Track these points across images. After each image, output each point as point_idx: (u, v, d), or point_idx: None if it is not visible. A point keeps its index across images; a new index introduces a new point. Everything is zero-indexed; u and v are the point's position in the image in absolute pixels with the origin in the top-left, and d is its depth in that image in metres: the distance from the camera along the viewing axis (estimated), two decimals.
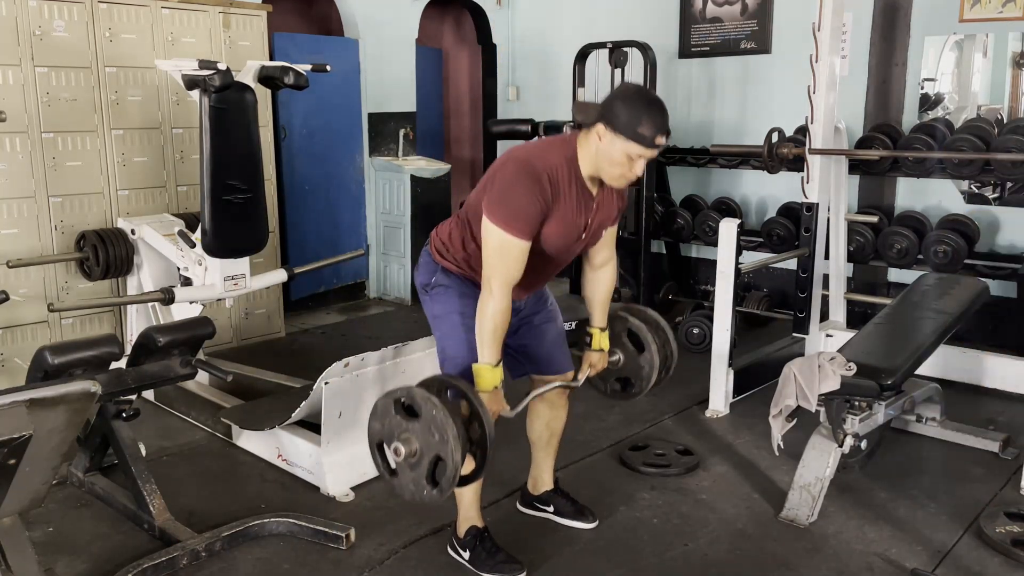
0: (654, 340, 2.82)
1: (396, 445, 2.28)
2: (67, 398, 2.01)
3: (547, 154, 2.38)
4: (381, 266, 6.24)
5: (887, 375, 2.91)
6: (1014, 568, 2.68)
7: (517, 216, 2.30)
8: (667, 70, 5.86)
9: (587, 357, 2.79)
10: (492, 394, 2.37)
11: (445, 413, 2.17)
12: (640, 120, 2.25)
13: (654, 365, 2.83)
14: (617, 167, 2.33)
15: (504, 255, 2.33)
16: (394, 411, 2.30)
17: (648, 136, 2.26)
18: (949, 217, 4.75)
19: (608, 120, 2.27)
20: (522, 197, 2.30)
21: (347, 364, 3.05)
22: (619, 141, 2.27)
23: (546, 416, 2.87)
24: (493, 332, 2.36)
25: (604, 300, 2.77)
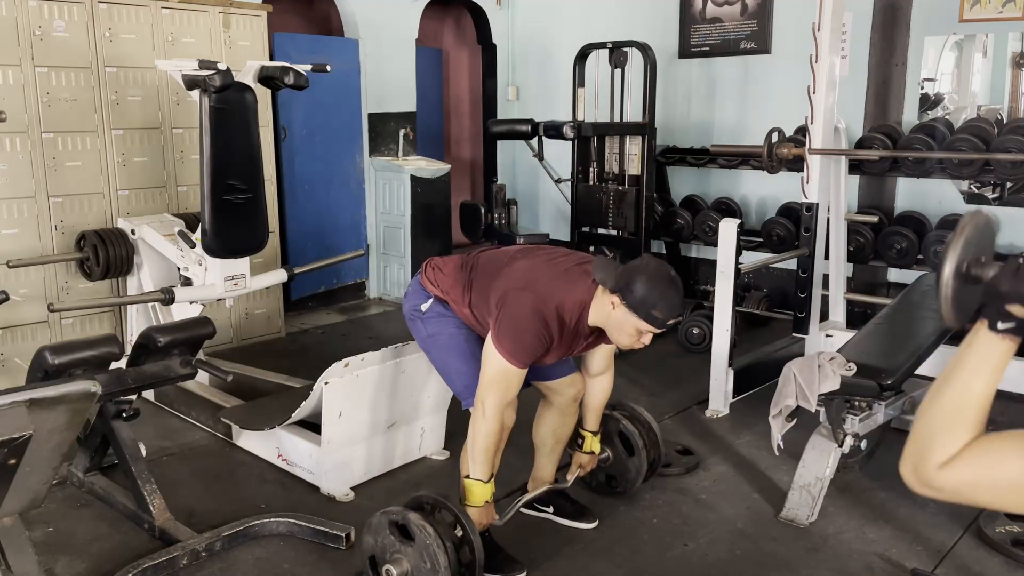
0: (644, 446, 3.01)
1: (388, 567, 2.38)
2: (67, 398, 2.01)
3: (565, 294, 2.44)
4: (381, 266, 6.24)
5: (887, 375, 2.91)
6: (1014, 568, 2.68)
7: (523, 352, 2.40)
8: (667, 70, 5.86)
9: (577, 459, 2.93)
10: (483, 509, 2.49)
11: (438, 543, 2.27)
12: (656, 304, 2.32)
13: (641, 471, 3.04)
14: (626, 337, 2.42)
15: (503, 381, 2.42)
16: (388, 531, 2.41)
17: (661, 319, 2.35)
18: (949, 217, 4.75)
19: (625, 296, 2.34)
20: (531, 336, 2.40)
21: (347, 364, 3.05)
22: (632, 317, 2.35)
23: (554, 423, 2.87)
24: (485, 452, 2.45)
25: (599, 406, 2.89)
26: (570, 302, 2.43)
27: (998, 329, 1.02)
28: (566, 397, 2.81)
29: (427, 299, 2.68)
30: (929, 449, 1.03)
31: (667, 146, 5.89)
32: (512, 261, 2.57)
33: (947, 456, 1.01)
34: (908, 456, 1.06)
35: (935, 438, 1.02)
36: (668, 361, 4.78)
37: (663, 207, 5.55)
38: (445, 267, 2.71)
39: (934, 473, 1.03)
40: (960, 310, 1.07)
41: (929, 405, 1.05)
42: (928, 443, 1.03)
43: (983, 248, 1.10)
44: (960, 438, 1.01)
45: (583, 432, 2.91)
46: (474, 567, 2.34)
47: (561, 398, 2.81)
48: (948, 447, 1.01)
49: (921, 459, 1.04)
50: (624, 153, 5.20)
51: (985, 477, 1.00)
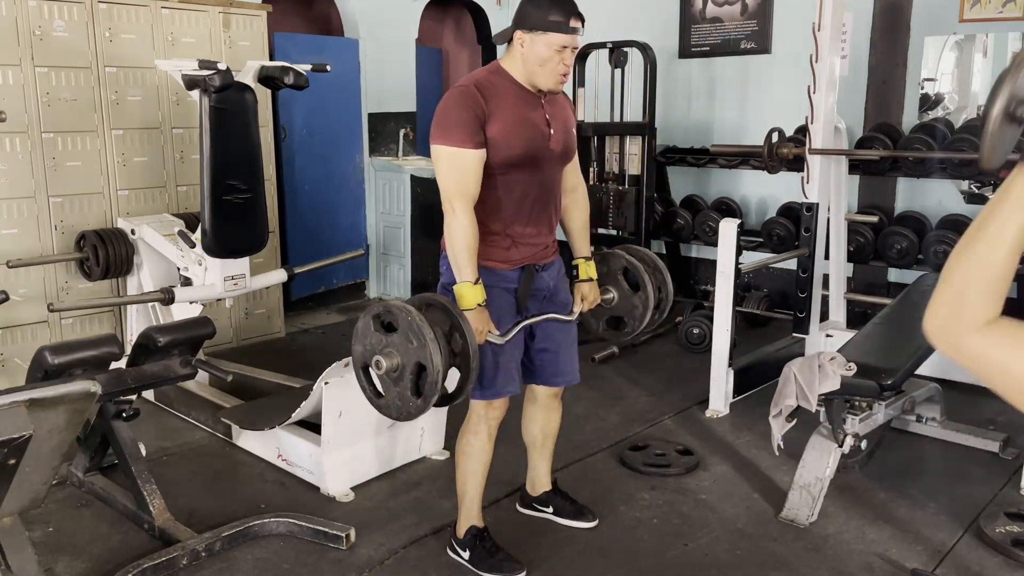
0: (650, 280, 2.78)
1: (377, 358, 2.28)
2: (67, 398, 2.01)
3: (470, 75, 2.48)
4: (381, 266, 6.24)
5: (887, 375, 2.91)
6: (1014, 568, 2.67)
7: (453, 126, 2.36)
8: (667, 70, 5.86)
9: (578, 289, 2.76)
10: (476, 312, 2.36)
11: (421, 319, 2.17)
12: (550, 10, 2.34)
13: (648, 305, 2.79)
14: (548, 63, 2.40)
15: (455, 169, 2.37)
16: (373, 328, 2.31)
17: (562, 21, 2.35)
18: (949, 217, 4.75)
19: (521, 23, 2.37)
20: (452, 110, 2.38)
21: (347, 364, 3.04)
22: (538, 37, 2.36)
23: (540, 420, 2.87)
24: (465, 249, 2.37)
25: (582, 227, 2.77)
26: (482, 72, 2.46)
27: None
28: (548, 394, 2.81)
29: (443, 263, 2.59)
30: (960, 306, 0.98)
31: (667, 146, 5.89)
32: None
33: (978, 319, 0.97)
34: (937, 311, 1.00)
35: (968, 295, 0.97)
36: (668, 361, 4.78)
37: (663, 207, 5.55)
38: None
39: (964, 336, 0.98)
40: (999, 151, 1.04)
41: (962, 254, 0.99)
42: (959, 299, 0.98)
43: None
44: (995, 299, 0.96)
45: (575, 261, 2.77)
46: (467, 353, 2.23)
47: (544, 394, 2.80)
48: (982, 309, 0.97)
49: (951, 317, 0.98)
50: (624, 153, 5.20)
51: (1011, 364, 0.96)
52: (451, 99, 2.39)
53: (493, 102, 2.39)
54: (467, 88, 2.39)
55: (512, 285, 2.54)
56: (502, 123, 2.39)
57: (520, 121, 2.43)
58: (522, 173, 2.45)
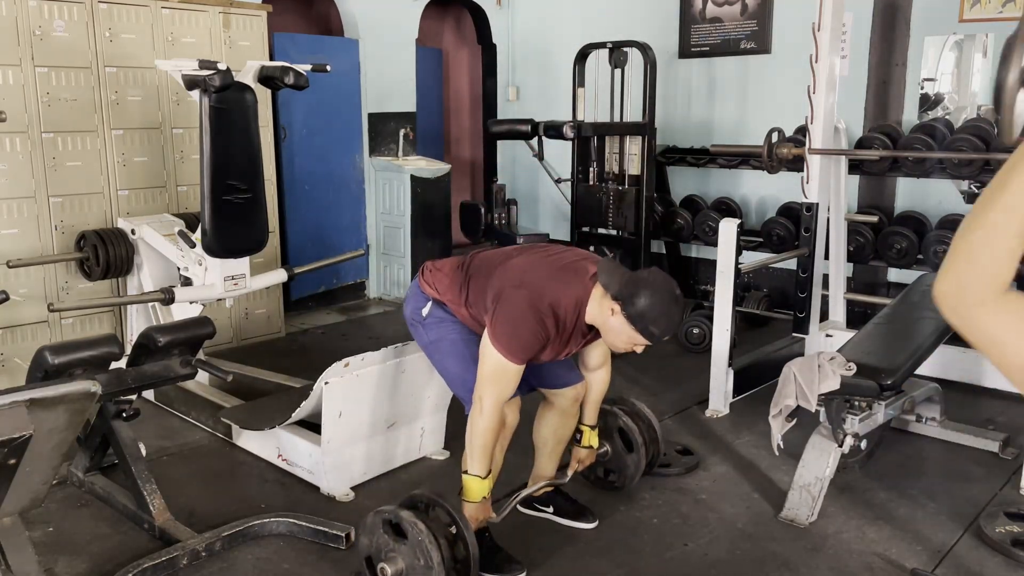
0: (643, 442, 3.02)
1: (382, 566, 2.38)
2: (67, 398, 2.01)
3: (561, 291, 2.44)
4: (381, 266, 6.24)
5: (887, 375, 2.91)
6: (1014, 568, 2.67)
7: (520, 348, 2.40)
8: (667, 70, 5.86)
9: (576, 453, 2.92)
10: (480, 505, 2.49)
11: (431, 539, 2.27)
12: (656, 321, 2.35)
13: (639, 467, 3.04)
14: (620, 343, 2.44)
15: (500, 377, 2.42)
16: (382, 529, 2.41)
17: (657, 335, 2.38)
18: (949, 217, 4.75)
19: (626, 306, 2.35)
20: (527, 333, 2.40)
21: (347, 364, 3.05)
22: (628, 328, 2.37)
23: (555, 423, 2.87)
24: (483, 448, 2.45)
25: (597, 400, 2.89)
26: (566, 299, 2.43)
27: None
28: (568, 399, 2.81)
29: (426, 302, 2.68)
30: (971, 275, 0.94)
31: (667, 146, 5.89)
32: (508, 259, 2.57)
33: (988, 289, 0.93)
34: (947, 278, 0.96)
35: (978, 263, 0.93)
36: (668, 361, 4.78)
37: (663, 207, 5.55)
38: (443, 268, 2.71)
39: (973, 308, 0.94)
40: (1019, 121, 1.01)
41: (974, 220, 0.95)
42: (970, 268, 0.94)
43: None
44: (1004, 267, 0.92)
45: (581, 427, 2.90)
46: (468, 563, 2.33)
47: (563, 400, 2.81)
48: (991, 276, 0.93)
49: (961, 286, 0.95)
50: (624, 153, 5.20)
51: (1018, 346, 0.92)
52: (529, 318, 2.40)
53: (554, 335, 2.46)
54: (546, 317, 2.41)
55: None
56: (548, 353, 2.51)
57: (560, 350, 2.55)
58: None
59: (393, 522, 2.38)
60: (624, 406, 3.09)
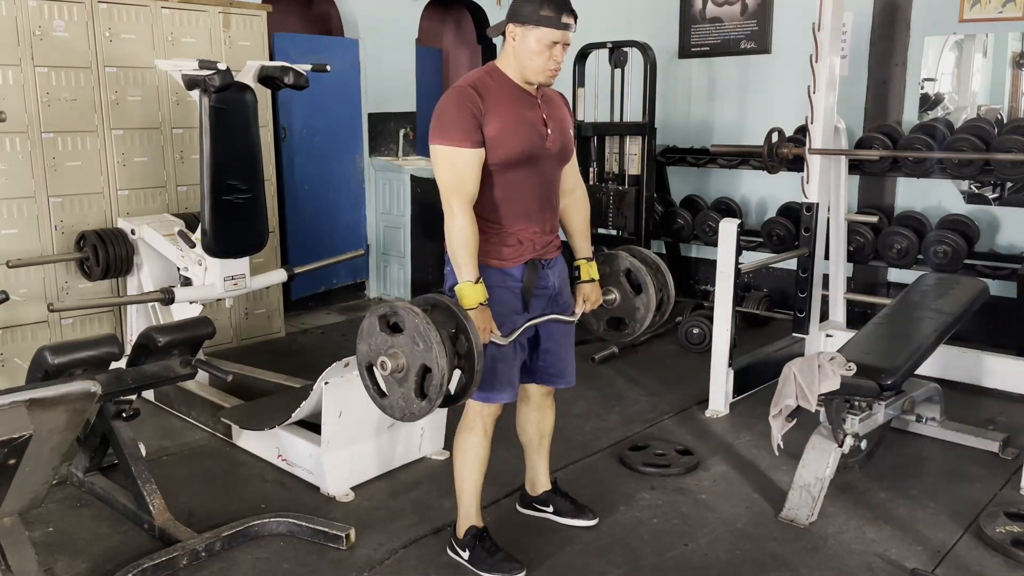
0: (652, 282, 2.79)
1: (382, 359, 2.28)
2: (67, 398, 2.01)
3: (466, 76, 2.49)
4: (381, 266, 6.24)
5: (887, 375, 2.92)
6: (1014, 568, 2.68)
7: (450, 125, 2.37)
8: (667, 70, 5.86)
9: (580, 291, 2.76)
10: (479, 311, 2.36)
11: (427, 321, 2.17)
12: (543, 5, 2.35)
13: (649, 307, 2.80)
14: (538, 58, 2.40)
15: (453, 169, 2.38)
16: (379, 328, 2.31)
17: (553, 16, 2.35)
18: (949, 217, 4.75)
19: (513, 17, 2.39)
20: (450, 109, 2.39)
21: (347, 364, 3.05)
22: (530, 31, 2.37)
23: (535, 419, 2.87)
24: (465, 248, 2.38)
25: (583, 228, 2.77)
26: (476, 74, 2.47)
27: None
28: (541, 391, 2.81)
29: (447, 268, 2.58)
30: None
31: (667, 146, 5.89)
32: None
33: None
34: None
35: None
36: (668, 361, 4.78)
37: (663, 207, 5.55)
38: None
39: None
40: None
41: None
42: None
43: None
44: None
45: (577, 262, 2.77)
46: (472, 357, 2.22)
47: (536, 392, 2.81)
48: None
49: None
50: (624, 153, 5.20)
51: None
52: (448, 99, 2.40)
53: (489, 101, 2.40)
54: (463, 88, 2.40)
55: (516, 284, 2.54)
56: (500, 122, 2.40)
57: (517, 120, 2.44)
58: (521, 172, 2.46)
59: (390, 319, 2.29)
60: (628, 250, 2.88)
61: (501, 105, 2.42)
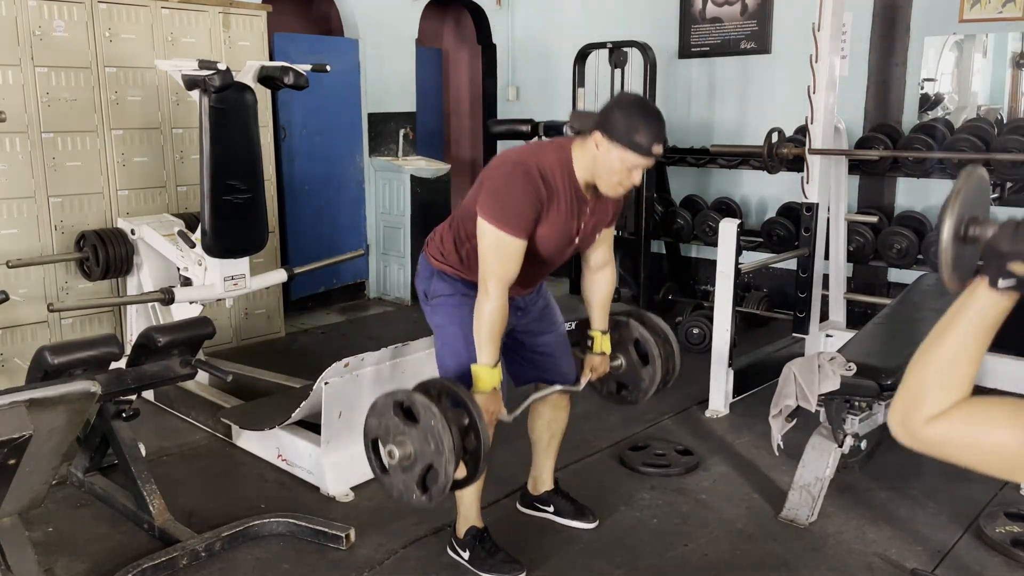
0: (659, 354, 2.82)
1: (391, 448, 2.30)
2: (67, 398, 2.01)
3: (542, 155, 2.38)
4: (381, 266, 6.24)
5: (887, 375, 2.91)
6: (1014, 568, 2.67)
7: (512, 213, 2.30)
8: (667, 70, 5.86)
9: (589, 360, 2.79)
10: (490, 395, 2.38)
11: (443, 424, 2.17)
12: (637, 129, 2.25)
13: (655, 380, 2.84)
14: (615, 175, 2.33)
15: (499, 254, 2.33)
16: (392, 412, 2.31)
17: (644, 145, 2.27)
18: None
19: (605, 128, 2.28)
20: (517, 195, 2.30)
21: (347, 364, 3.05)
22: (616, 150, 2.28)
23: (547, 417, 2.87)
24: (491, 333, 2.36)
25: (604, 302, 2.77)
26: (550, 160, 2.37)
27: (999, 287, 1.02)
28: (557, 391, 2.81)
29: (431, 276, 2.60)
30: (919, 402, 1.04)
31: (667, 146, 5.89)
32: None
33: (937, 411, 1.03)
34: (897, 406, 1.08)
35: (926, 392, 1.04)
36: None
37: (663, 207, 5.55)
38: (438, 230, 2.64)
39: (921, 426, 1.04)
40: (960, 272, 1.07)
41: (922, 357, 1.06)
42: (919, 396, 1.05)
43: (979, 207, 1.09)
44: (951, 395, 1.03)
45: (591, 333, 2.79)
46: (479, 454, 2.25)
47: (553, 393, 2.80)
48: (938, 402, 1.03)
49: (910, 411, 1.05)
50: None
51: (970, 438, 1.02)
52: (516, 181, 2.32)
53: (551, 202, 2.36)
54: (534, 176, 2.32)
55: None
56: (548, 228, 2.39)
57: (562, 229, 2.43)
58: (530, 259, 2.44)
59: (404, 405, 2.29)
60: (638, 317, 2.92)
61: (558, 211, 2.39)
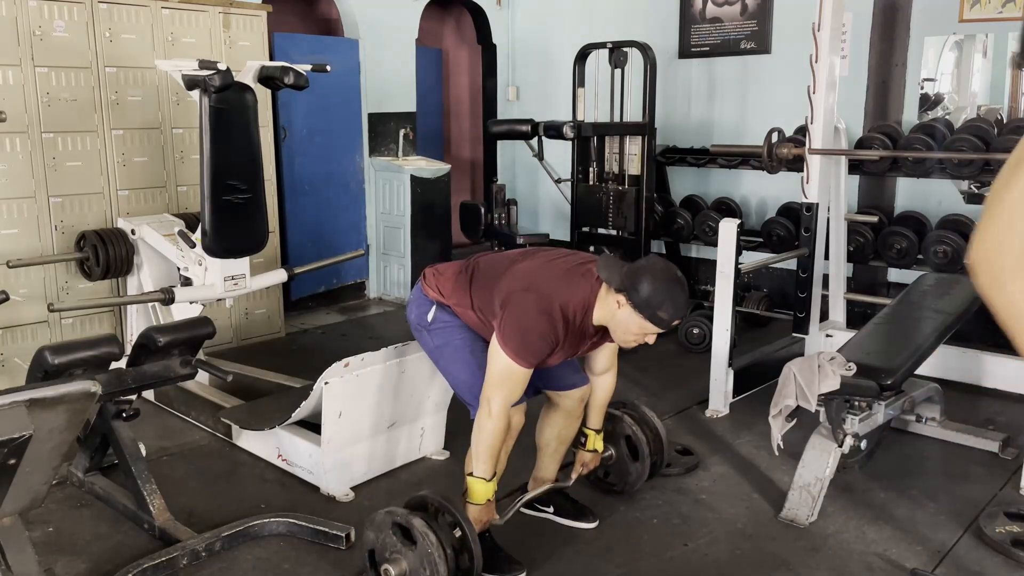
0: (648, 453, 3.00)
1: (387, 567, 2.39)
2: (67, 398, 2.01)
3: (569, 294, 2.45)
4: (381, 266, 6.24)
5: (887, 375, 2.91)
6: (1014, 568, 2.67)
7: (529, 352, 2.40)
8: (667, 70, 5.86)
9: (580, 457, 2.93)
10: (484, 507, 2.49)
11: (439, 552, 2.28)
12: (662, 305, 2.33)
13: (642, 476, 3.04)
14: (631, 336, 2.43)
15: (509, 380, 2.42)
16: (390, 530, 2.41)
17: (666, 320, 2.36)
18: (949, 217, 4.74)
19: (631, 295, 2.35)
20: (536, 337, 2.40)
21: (347, 364, 3.05)
22: (637, 318, 2.36)
23: (559, 424, 2.87)
24: (489, 450, 2.45)
25: (602, 404, 2.88)
26: (574, 302, 2.44)
27: None
28: (573, 400, 2.81)
29: (430, 307, 2.68)
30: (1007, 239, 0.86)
31: (667, 146, 5.89)
32: (513, 263, 2.57)
33: None
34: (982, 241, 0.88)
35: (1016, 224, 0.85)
36: (668, 361, 4.78)
37: (663, 207, 5.55)
38: (445, 272, 2.72)
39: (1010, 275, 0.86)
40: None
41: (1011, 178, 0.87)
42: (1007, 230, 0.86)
43: None
44: None
45: (586, 430, 2.90)
46: (471, 573, 2.35)
47: (569, 401, 2.81)
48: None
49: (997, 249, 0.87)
50: (624, 153, 5.20)
51: None
52: (540, 322, 2.40)
53: (563, 338, 2.45)
54: (556, 321, 2.41)
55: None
56: (557, 357, 2.51)
57: (569, 353, 2.55)
58: None
59: (403, 526, 2.38)
60: (632, 412, 3.08)
61: (570, 343, 2.49)
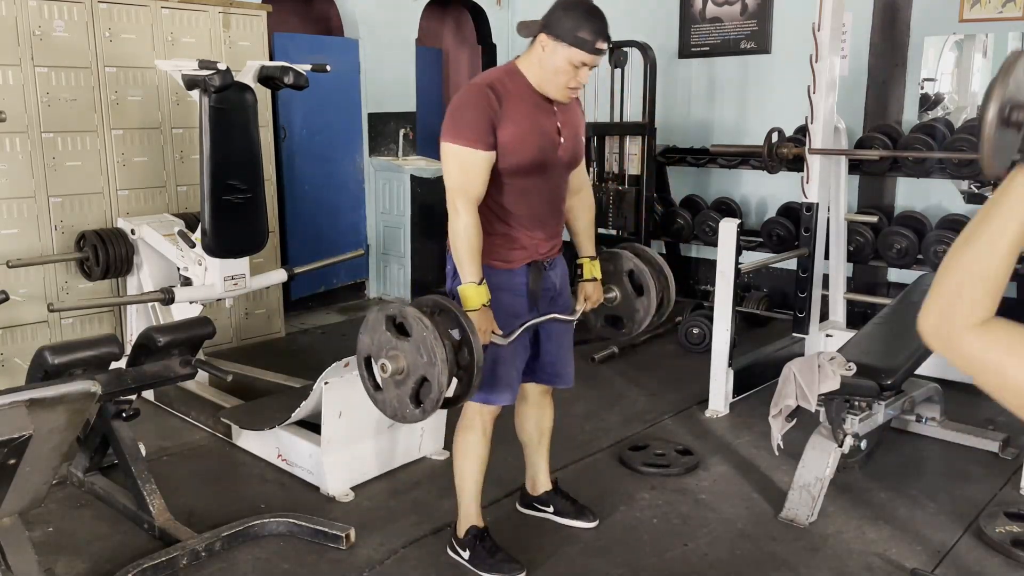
0: (654, 284, 2.78)
1: (383, 362, 2.28)
2: (67, 398, 2.01)
3: (488, 74, 2.46)
4: (381, 266, 6.24)
5: (887, 375, 2.92)
6: (1014, 568, 2.68)
7: (464, 125, 2.35)
8: (667, 70, 5.86)
9: (582, 289, 2.75)
10: (481, 313, 2.35)
11: (436, 335, 2.16)
12: (581, 26, 2.31)
13: (649, 311, 2.81)
14: (562, 75, 2.37)
15: (462, 169, 2.36)
16: (385, 327, 2.30)
17: (589, 40, 2.32)
18: (949, 217, 4.74)
19: (549, 29, 2.33)
20: (466, 109, 2.36)
21: (347, 364, 3.05)
22: (561, 48, 2.33)
23: (534, 416, 2.87)
24: (469, 249, 2.36)
25: (587, 228, 2.76)
26: (496, 73, 2.44)
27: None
28: (538, 390, 2.81)
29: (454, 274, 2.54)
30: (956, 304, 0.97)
31: (667, 146, 5.89)
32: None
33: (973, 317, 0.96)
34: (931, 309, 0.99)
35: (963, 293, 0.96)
36: (668, 361, 4.78)
37: (663, 207, 5.55)
38: None
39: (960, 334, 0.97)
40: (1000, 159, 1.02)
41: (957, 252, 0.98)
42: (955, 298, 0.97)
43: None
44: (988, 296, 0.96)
45: (580, 260, 2.77)
46: (472, 369, 2.23)
47: (534, 390, 2.81)
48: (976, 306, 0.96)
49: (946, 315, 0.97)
50: (624, 153, 5.20)
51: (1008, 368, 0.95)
52: (465, 97, 2.38)
53: (507, 105, 2.37)
54: (482, 88, 2.37)
55: (521, 287, 2.54)
56: (514, 128, 2.38)
57: (532, 127, 2.42)
58: (531, 179, 2.45)
59: (397, 320, 2.28)
60: (633, 250, 2.89)
61: (518, 111, 2.39)
